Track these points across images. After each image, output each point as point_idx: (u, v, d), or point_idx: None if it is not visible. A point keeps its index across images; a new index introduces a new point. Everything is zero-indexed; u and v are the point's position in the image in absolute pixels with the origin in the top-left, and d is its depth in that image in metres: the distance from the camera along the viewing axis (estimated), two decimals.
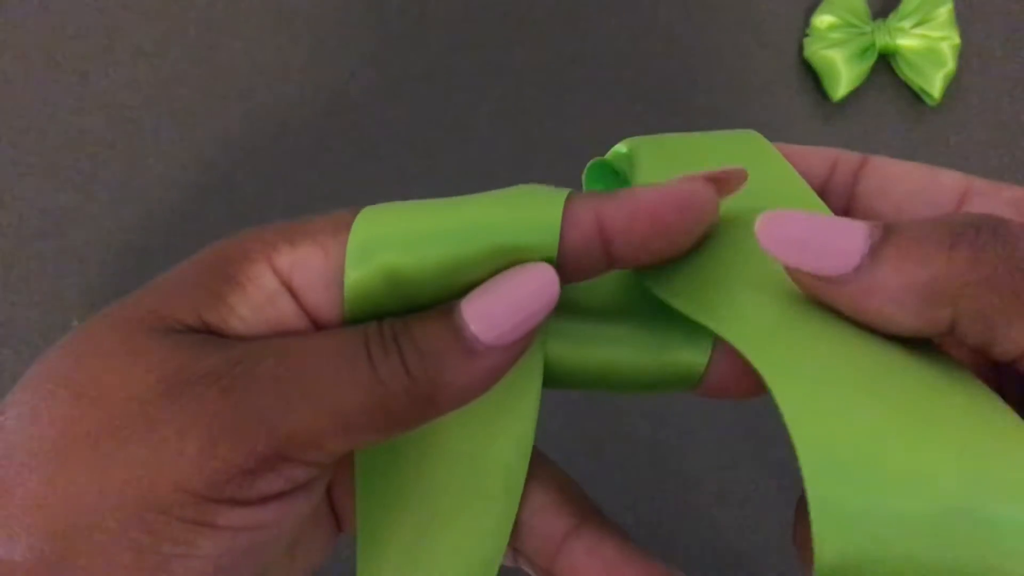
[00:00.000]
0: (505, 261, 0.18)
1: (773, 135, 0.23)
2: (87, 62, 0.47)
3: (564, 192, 0.18)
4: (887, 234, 0.16)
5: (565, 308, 0.20)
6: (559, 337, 0.20)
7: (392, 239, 0.18)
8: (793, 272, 0.17)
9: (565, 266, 0.18)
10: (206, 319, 0.18)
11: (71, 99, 0.46)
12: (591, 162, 0.23)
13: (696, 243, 0.19)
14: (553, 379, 0.20)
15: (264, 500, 0.17)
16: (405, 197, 0.20)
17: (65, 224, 0.45)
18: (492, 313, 0.17)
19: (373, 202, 0.20)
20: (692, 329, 0.19)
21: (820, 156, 0.21)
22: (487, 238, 0.18)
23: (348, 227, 0.18)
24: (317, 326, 0.19)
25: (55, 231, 0.45)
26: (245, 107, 0.46)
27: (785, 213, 0.17)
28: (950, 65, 0.45)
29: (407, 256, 0.18)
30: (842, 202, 0.21)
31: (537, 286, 0.18)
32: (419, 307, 0.18)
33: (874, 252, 0.16)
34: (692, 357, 0.19)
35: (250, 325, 0.18)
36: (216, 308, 0.18)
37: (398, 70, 0.47)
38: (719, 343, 0.19)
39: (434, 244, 0.18)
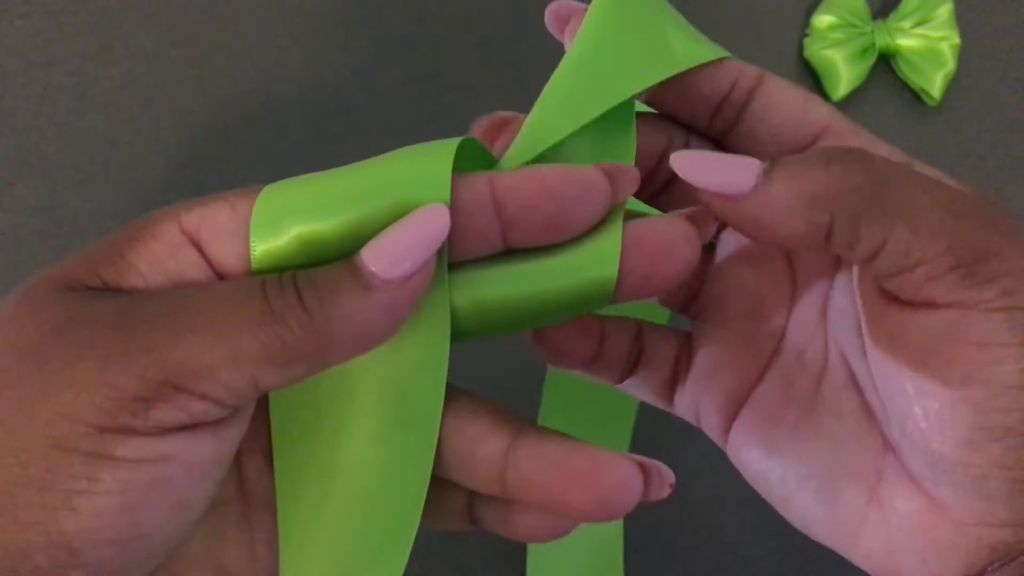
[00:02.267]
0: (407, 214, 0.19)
1: None
2: (87, 62, 0.47)
3: (455, 141, 0.19)
4: (775, 161, 0.19)
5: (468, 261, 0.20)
6: (467, 284, 0.20)
7: (297, 206, 0.19)
8: (703, 194, 0.20)
9: (455, 232, 0.19)
10: (104, 277, 0.18)
11: (71, 99, 0.46)
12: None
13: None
14: (471, 328, 0.20)
15: (163, 432, 0.17)
16: None
17: (65, 224, 0.45)
18: (387, 249, 0.18)
19: None
20: (598, 245, 0.19)
21: (725, 71, 0.22)
22: (386, 196, 0.18)
23: (257, 192, 0.19)
24: (223, 279, 0.19)
25: (55, 231, 0.45)
26: (245, 107, 0.46)
27: (697, 152, 0.21)
28: (950, 65, 0.45)
29: (313, 222, 0.18)
30: (732, 117, 0.22)
31: (427, 218, 0.18)
32: None
33: (767, 173, 0.19)
34: (602, 271, 0.19)
35: (148, 280, 0.19)
36: (115, 264, 0.18)
37: (398, 70, 0.47)
38: (627, 248, 0.19)
39: (337, 207, 0.18)
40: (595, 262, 0.19)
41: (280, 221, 0.18)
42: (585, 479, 0.19)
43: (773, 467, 0.23)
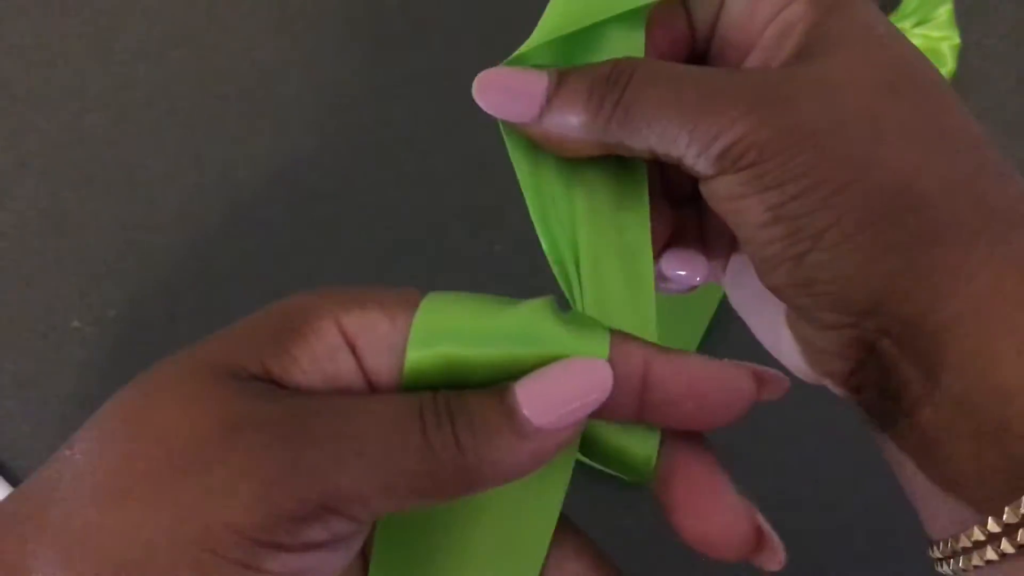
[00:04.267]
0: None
1: None
2: (87, 62, 0.46)
3: (606, 328, 0.20)
4: (559, 83, 0.22)
5: None
6: None
7: (454, 331, 0.19)
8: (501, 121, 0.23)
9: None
10: (268, 367, 0.19)
11: (71, 99, 0.46)
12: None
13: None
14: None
15: (307, 548, 0.17)
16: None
17: (65, 224, 0.45)
18: (545, 398, 0.18)
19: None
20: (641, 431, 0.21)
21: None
22: (540, 346, 0.19)
23: (416, 303, 0.19)
24: (373, 389, 0.20)
25: (55, 231, 0.45)
26: (245, 107, 0.46)
27: (491, 72, 0.24)
28: (950, 65, 0.45)
29: (465, 349, 0.19)
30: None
31: (591, 377, 0.18)
32: (472, 387, 0.19)
33: (549, 101, 0.22)
34: (641, 450, 0.20)
35: (309, 377, 0.19)
36: (279, 357, 0.19)
37: (398, 70, 0.47)
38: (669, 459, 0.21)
39: (491, 343, 0.19)
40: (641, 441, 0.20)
41: (435, 338, 0.19)
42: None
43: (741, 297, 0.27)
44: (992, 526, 0.19)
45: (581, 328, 0.19)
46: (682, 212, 0.27)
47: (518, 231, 0.44)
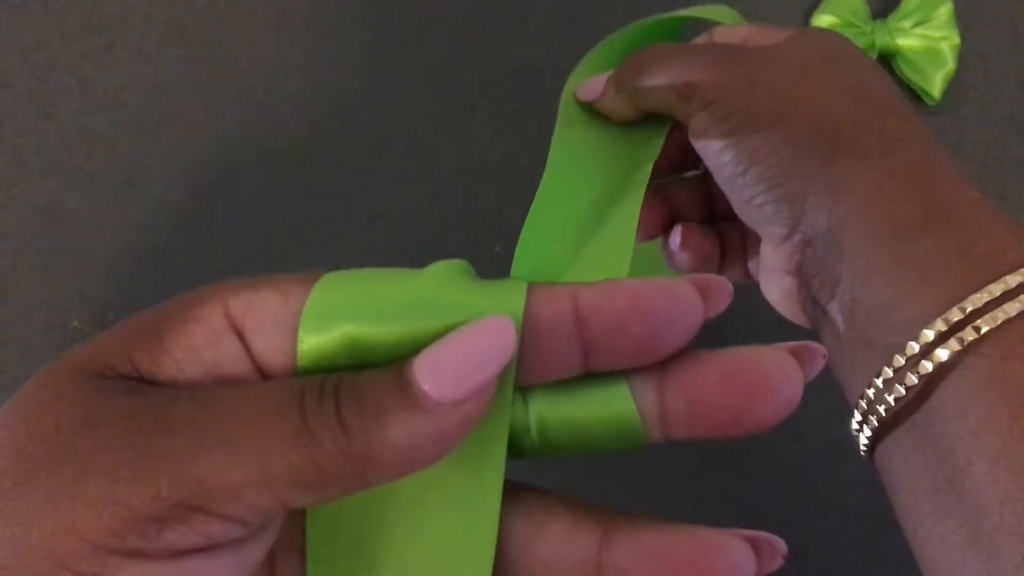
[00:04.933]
0: None
1: None
2: (87, 62, 0.47)
3: (522, 281, 0.18)
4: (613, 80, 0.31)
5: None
6: (532, 401, 0.18)
7: (352, 308, 0.17)
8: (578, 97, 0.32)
9: (530, 351, 0.17)
10: (137, 363, 0.17)
11: (71, 99, 0.46)
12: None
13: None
14: (530, 447, 0.19)
15: (175, 555, 0.15)
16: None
17: (65, 224, 0.45)
18: (444, 367, 0.16)
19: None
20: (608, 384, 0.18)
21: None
22: (447, 315, 0.17)
23: (313, 281, 0.17)
24: (263, 376, 0.17)
25: (55, 231, 0.45)
26: (245, 107, 0.46)
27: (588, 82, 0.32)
28: (950, 65, 0.45)
29: (366, 326, 0.17)
30: None
31: (492, 338, 0.16)
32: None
33: (605, 88, 0.31)
34: (619, 407, 0.18)
35: (183, 369, 0.17)
36: (149, 350, 0.17)
37: (398, 70, 0.47)
38: (639, 390, 0.18)
39: (394, 317, 0.17)
40: (615, 398, 0.18)
41: (332, 317, 0.17)
42: (697, 569, 0.17)
43: None
44: (868, 395, 0.26)
45: (495, 290, 0.17)
46: (726, 226, 0.35)
47: (518, 231, 0.44)
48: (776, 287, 0.29)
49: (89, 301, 0.44)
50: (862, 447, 0.27)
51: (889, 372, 0.24)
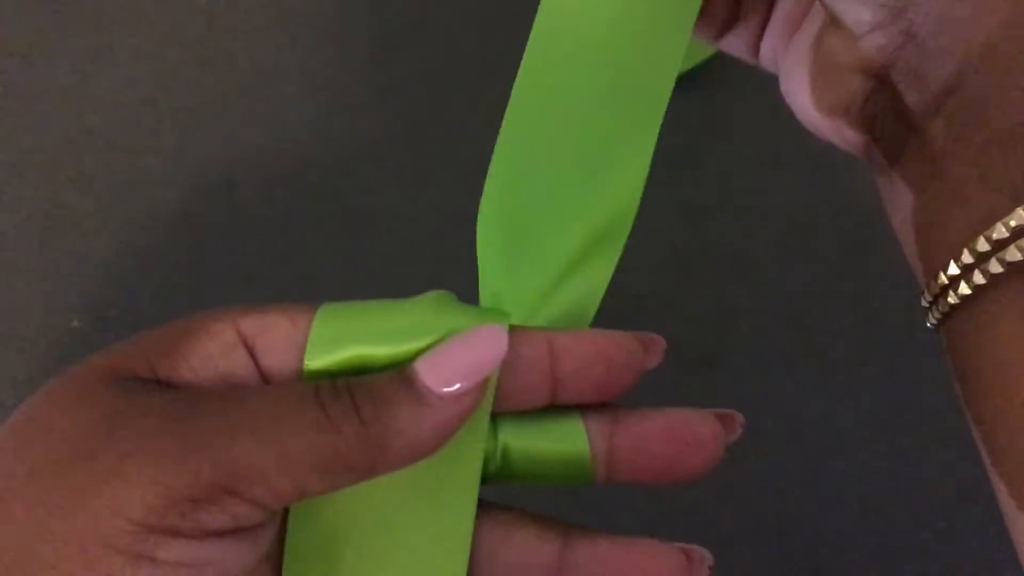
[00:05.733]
0: None
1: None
2: (87, 62, 0.47)
3: (504, 314, 0.21)
4: None
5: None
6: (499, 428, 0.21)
7: (353, 333, 0.19)
8: None
9: (508, 381, 0.20)
10: (156, 368, 0.18)
11: (71, 99, 0.46)
12: None
13: None
14: (491, 471, 0.21)
15: (207, 535, 0.17)
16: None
17: (65, 224, 0.45)
18: (442, 365, 0.19)
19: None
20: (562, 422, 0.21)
21: None
22: (439, 335, 0.19)
23: (314, 310, 0.20)
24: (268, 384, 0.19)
25: (55, 231, 0.45)
26: (245, 107, 0.46)
27: None
28: None
29: (366, 347, 0.19)
30: None
31: (486, 341, 0.19)
32: None
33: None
34: (573, 446, 0.21)
35: (199, 375, 0.19)
36: (167, 356, 0.19)
37: (398, 70, 0.47)
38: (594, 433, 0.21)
39: (391, 338, 0.19)
40: (571, 436, 0.21)
41: (336, 340, 0.19)
42: (643, 572, 0.20)
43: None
44: (982, 244, 0.18)
45: (481, 314, 0.20)
46: None
47: None
48: (832, 92, 0.22)
49: (89, 301, 0.44)
50: (935, 316, 0.20)
51: (1003, 230, 0.17)
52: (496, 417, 0.21)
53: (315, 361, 0.19)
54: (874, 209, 0.24)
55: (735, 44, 0.26)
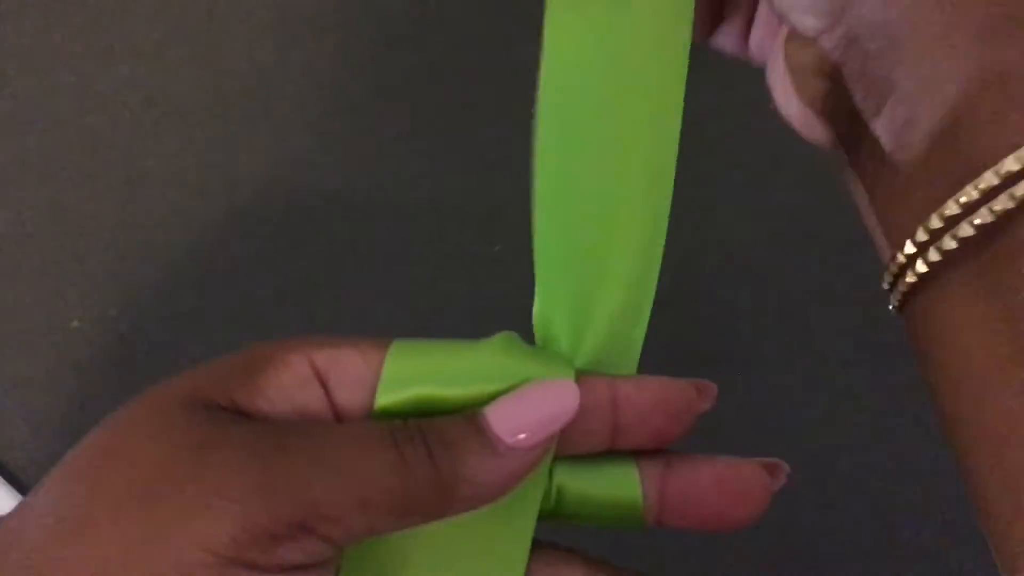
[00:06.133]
0: None
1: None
2: (87, 62, 0.47)
3: (570, 366, 0.21)
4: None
5: None
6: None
7: (422, 374, 0.20)
8: None
9: (571, 427, 0.20)
10: (235, 398, 0.19)
11: (71, 99, 0.46)
12: None
13: None
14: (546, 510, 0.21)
15: (281, 570, 0.17)
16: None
17: (65, 224, 0.45)
18: (514, 416, 0.19)
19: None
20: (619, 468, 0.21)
21: None
22: (509, 380, 0.19)
23: (386, 345, 0.20)
24: (340, 420, 0.20)
25: (55, 231, 0.45)
26: (245, 108, 0.46)
27: None
28: None
29: (434, 388, 0.19)
30: None
31: (558, 394, 0.19)
32: None
33: None
34: (626, 492, 0.21)
35: (276, 406, 0.19)
36: (245, 387, 0.19)
37: (398, 70, 0.47)
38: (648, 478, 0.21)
39: (459, 381, 0.19)
40: (625, 484, 0.21)
41: (406, 381, 0.19)
42: None
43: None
44: (935, 223, 0.18)
45: (547, 361, 0.20)
46: None
47: (518, 231, 0.44)
48: (797, 92, 0.23)
49: (89, 301, 0.44)
50: (896, 298, 0.21)
51: (954, 207, 0.18)
52: (554, 458, 0.21)
53: (386, 398, 0.19)
54: None
55: (725, 41, 0.26)
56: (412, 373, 0.19)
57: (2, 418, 0.42)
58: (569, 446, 0.20)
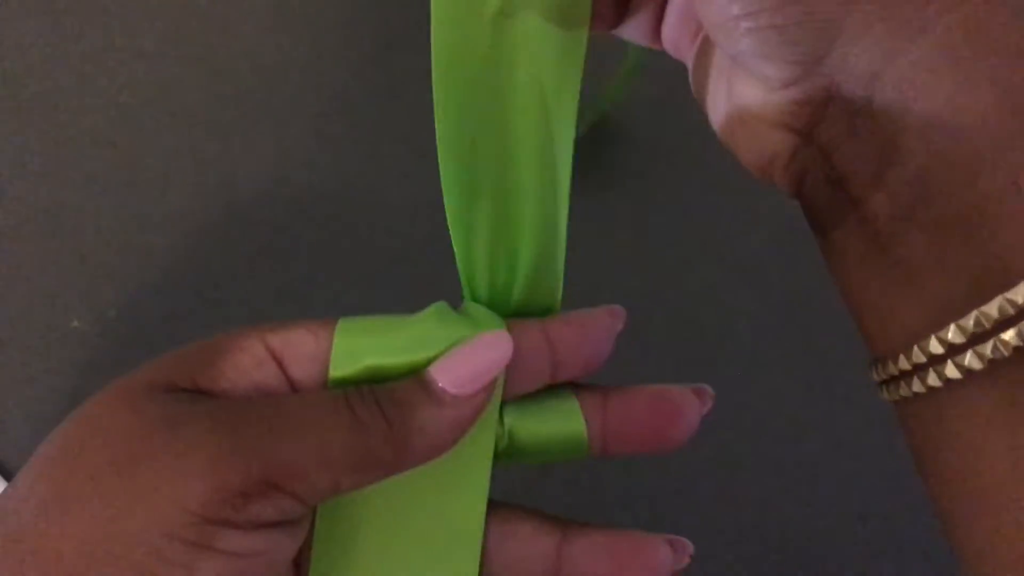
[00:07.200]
0: None
1: None
2: (87, 62, 0.47)
3: (498, 316, 0.22)
4: None
5: None
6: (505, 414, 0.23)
7: (371, 347, 0.21)
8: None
9: (512, 370, 0.21)
10: (197, 381, 0.20)
11: (71, 99, 0.46)
12: None
13: None
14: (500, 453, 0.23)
15: (256, 527, 0.19)
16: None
17: (65, 224, 0.45)
18: (455, 368, 0.21)
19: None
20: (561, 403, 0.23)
21: None
22: (445, 345, 0.21)
23: (333, 325, 0.21)
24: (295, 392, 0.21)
25: (55, 231, 0.45)
26: (245, 107, 0.46)
27: None
28: None
29: (382, 359, 0.21)
30: None
31: (491, 345, 0.21)
32: None
33: None
34: (569, 426, 0.23)
35: (235, 385, 0.20)
36: (206, 371, 0.20)
37: (398, 70, 0.47)
38: (588, 407, 0.23)
39: (403, 351, 0.21)
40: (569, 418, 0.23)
41: (356, 355, 0.21)
42: (634, 562, 0.22)
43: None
44: (954, 335, 0.15)
45: (477, 319, 0.22)
46: None
47: None
48: (756, 142, 0.19)
49: (89, 301, 0.44)
50: (891, 395, 0.18)
51: (980, 319, 0.15)
52: (502, 403, 0.23)
53: (339, 371, 0.21)
54: None
55: (633, 32, 0.24)
56: (360, 347, 0.21)
57: (2, 418, 0.42)
58: (518, 386, 0.22)
